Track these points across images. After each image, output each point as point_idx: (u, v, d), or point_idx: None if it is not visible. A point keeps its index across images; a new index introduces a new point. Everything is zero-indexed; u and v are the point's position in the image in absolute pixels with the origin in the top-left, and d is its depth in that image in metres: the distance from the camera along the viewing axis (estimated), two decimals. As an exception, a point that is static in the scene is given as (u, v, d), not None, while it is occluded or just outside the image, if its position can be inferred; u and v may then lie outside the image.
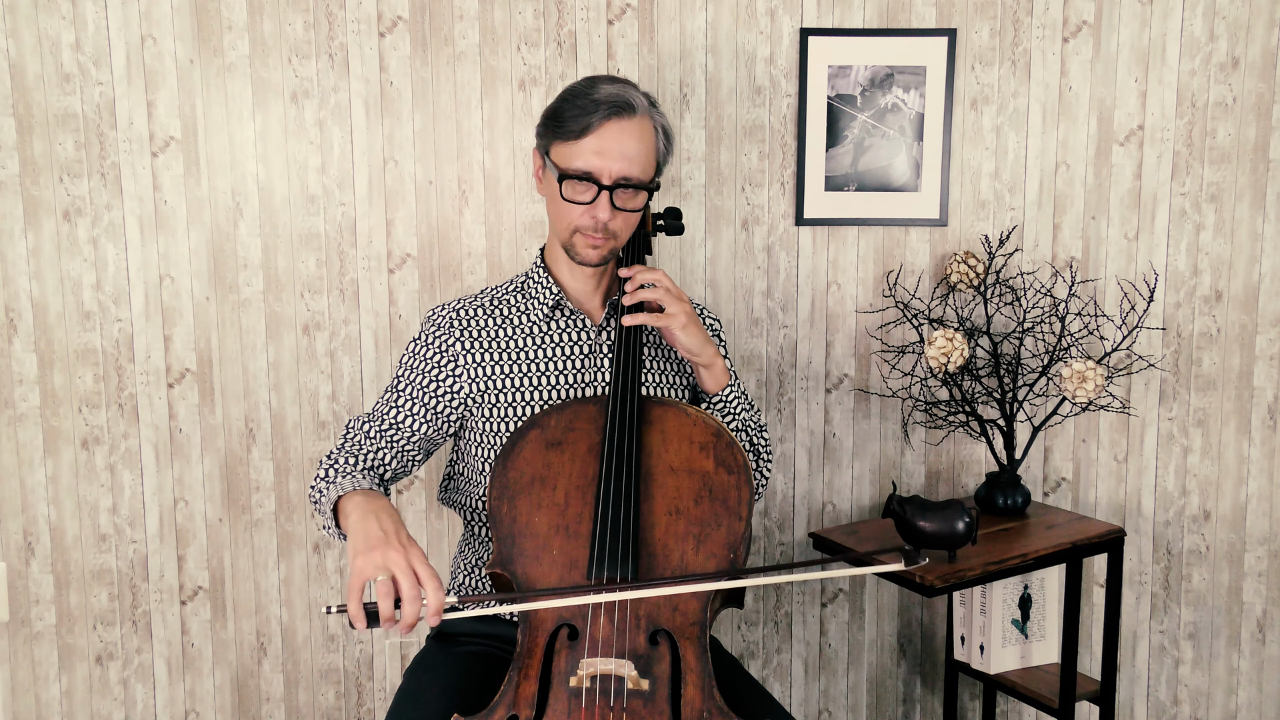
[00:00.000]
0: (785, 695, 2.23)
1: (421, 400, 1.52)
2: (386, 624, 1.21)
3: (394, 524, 1.29)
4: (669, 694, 1.29)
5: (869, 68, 2.04)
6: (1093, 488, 2.20)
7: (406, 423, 1.52)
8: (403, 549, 1.25)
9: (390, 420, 1.53)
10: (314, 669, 2.12)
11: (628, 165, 1.43)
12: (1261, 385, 2.17)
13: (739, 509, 1.39)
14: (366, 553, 1.24)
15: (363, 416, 1.55)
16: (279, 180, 2.00)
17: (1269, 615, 2.23)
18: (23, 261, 1.96)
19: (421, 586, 1.22)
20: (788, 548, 2.19)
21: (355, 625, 1.21)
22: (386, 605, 1.21)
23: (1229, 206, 2.12)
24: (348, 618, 1.22)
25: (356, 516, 1.31)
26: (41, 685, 2.05)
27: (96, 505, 2.03)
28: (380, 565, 1.22)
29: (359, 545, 1.26)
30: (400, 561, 1.23)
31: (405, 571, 1.22)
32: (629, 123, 1.43)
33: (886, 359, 2.14)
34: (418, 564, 1.24)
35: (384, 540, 1.25)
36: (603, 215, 1.44)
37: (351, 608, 1.21)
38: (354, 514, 1.32)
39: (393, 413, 1.53)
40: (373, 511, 1.31)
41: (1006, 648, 2.05)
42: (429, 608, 1.22)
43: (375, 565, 1.22)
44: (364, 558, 1.23)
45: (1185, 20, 2.07)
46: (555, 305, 1.56)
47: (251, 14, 1.96)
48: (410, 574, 1.22)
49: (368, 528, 1.28)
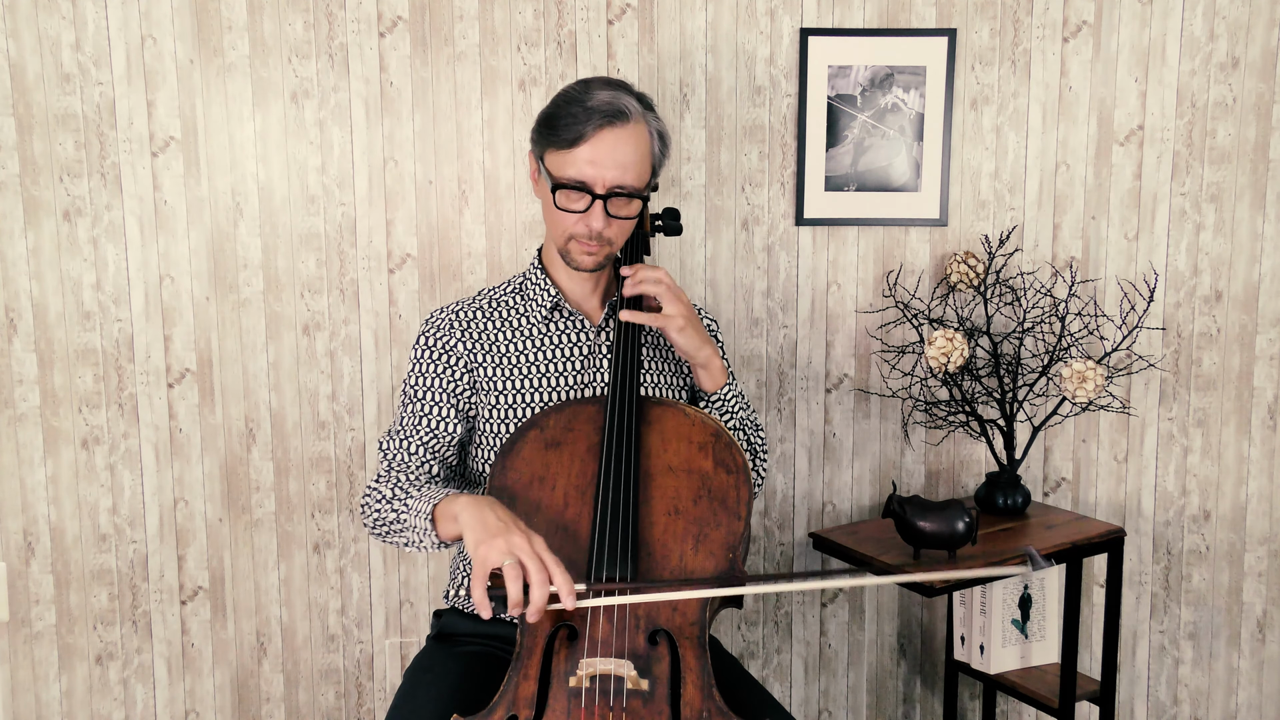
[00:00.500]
0: (785, 695, 2.23)
1: (449, 401, 1.51)
2: (514, 608, 1.20)
3: (510, 514, 1.29)
4: (668, 694, 1.29)
5: (869, 68, 2.04)
6: (1093, 488, 2.20)
7: (443, 427, 1.51)
8: (525, 536, 1.24)
9: (426, 429, 1.50)
10: (314, 669, 2.12)
11: (622, 174, 1.42)
12: (1261, 385, 2.17)
13: (738, 509, 1.39)
14: (489, 540, 1.23)
15: (394, 438, 1.51)
16: (279, 180, 2.00)
17: (1269, 615, 2.22)
18: (23, 261, 1.96)
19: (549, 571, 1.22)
20: (787, 548, 2.19)
21: (482, 612, 1.20)
22: (515, 589, 1.20)
23: (1229, 206, 2.12)
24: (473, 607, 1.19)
25: (469, 512, 1.29)
26: (41, 685, 2.05)
27: (96, 505, 2.03)
28: (505, 551, 1.21)
29: (480, 535, 1.24)
30: (525, 546, 1.22)
31: (531, 556, 1.21)
32: (623, 130, 1.42)
33: (886, 359, 2.14)
34: (542, 550, 1.23)
35: (504, 529, 1.24)
36: (596, 224, 1.44)
37: (476, 594, 1.20)
38: (464, 512, 1.29)
39: (426, 422, 1.51)
40: (486, 503, 1.30)
41: (1006, 648, 2.05)
42: (561, 589, 1.21)
43: (500, 551, 1.21)
44: (487, 545, 1.22)
45: (1185, 20, 2.07)
46: (554, 306, 1.56)
47: (251, 14, 1.96)
48: (536, 559, 1.22)
49: (484, 518, 1.26)
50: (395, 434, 1.52)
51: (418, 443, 1.50)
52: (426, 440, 1.50)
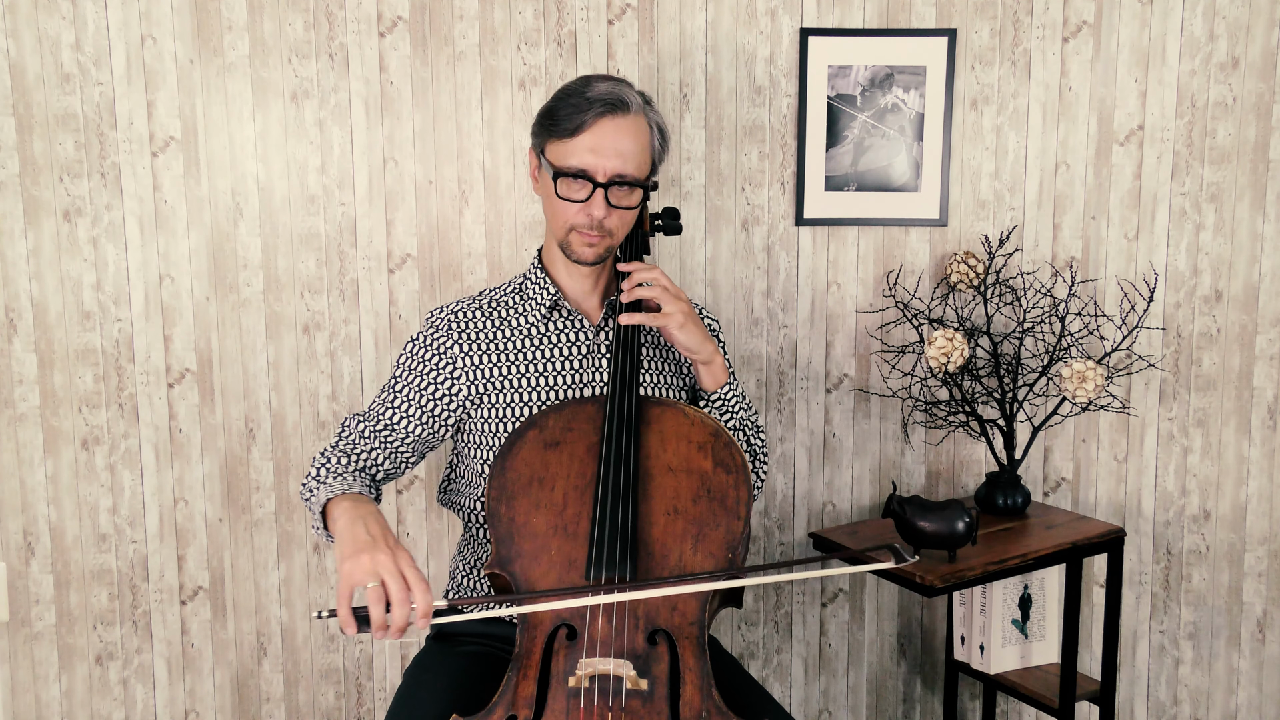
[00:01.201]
0: (785, 695, 2.23)
1: (418, 402, 1.52)
2: (377, 630, 1.21)
3: (381, 528, 1.29)
4: (668, 694, 1.29)
5: (869, 68, 2.04)
6: (1093, 488, 2.19)
7: (401, 424, 1.53)
8: (390, 552, 1.24)
9: (385, 421, 1.53)
10: (314, 669, 2.12)
11: (622, 162, 1.43)
12: (1261, 385, 2.17)
13: (737, 509, 1.39)
14: (354, 557, 1.24)
15: (359, 415, 1.55)
16: (279, 180, 2.00)
17: (1269, 615, 2.22)
18: (23, 261, 1.96)
19: (410, 590, 1.22)
20: (787, 548, 2.19)
21: (345, 630, 1.20)
22: (378, 611, 1.20)
23: (1229, 206, 2.12)
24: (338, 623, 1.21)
25: (345, 521, 1.31)
26: (41, 685, 2.05)
27: (96, 505, 2.03)
28: (369, 570, 1.22)
29: (346, 550, 1.26)
30: (388, 565, 1.22)
31: (394, 575, 1.22)
32: (623, 120, 1.43)
33: (886, 359, 2.14)
34: (406, 567, 1.23)
35: (371, 544, 1.25)
36: (598, 213, 1.44)
37: (341, 613, 1.20)
38: (341, 519, 1.32)
39: (388, 413, 1.53)
40: (360, 516, 1.31)
41: (1006, 648, 2.05)
42: (417, 611, 1.21)
43: (364, 570, 1.22)
44: (352, 562, 1.23)
45: (1185, 20, 2.07)
46: (553, 306, 1.56)
47: (251, 14, 1.96)
48: (399, 577, 1.22)
49: (355, 532, 1.28)
50: (360, 414, 1.56)
51: (372, 429, 1.53)
52: (380, 430, 1.53)
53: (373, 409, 1.55)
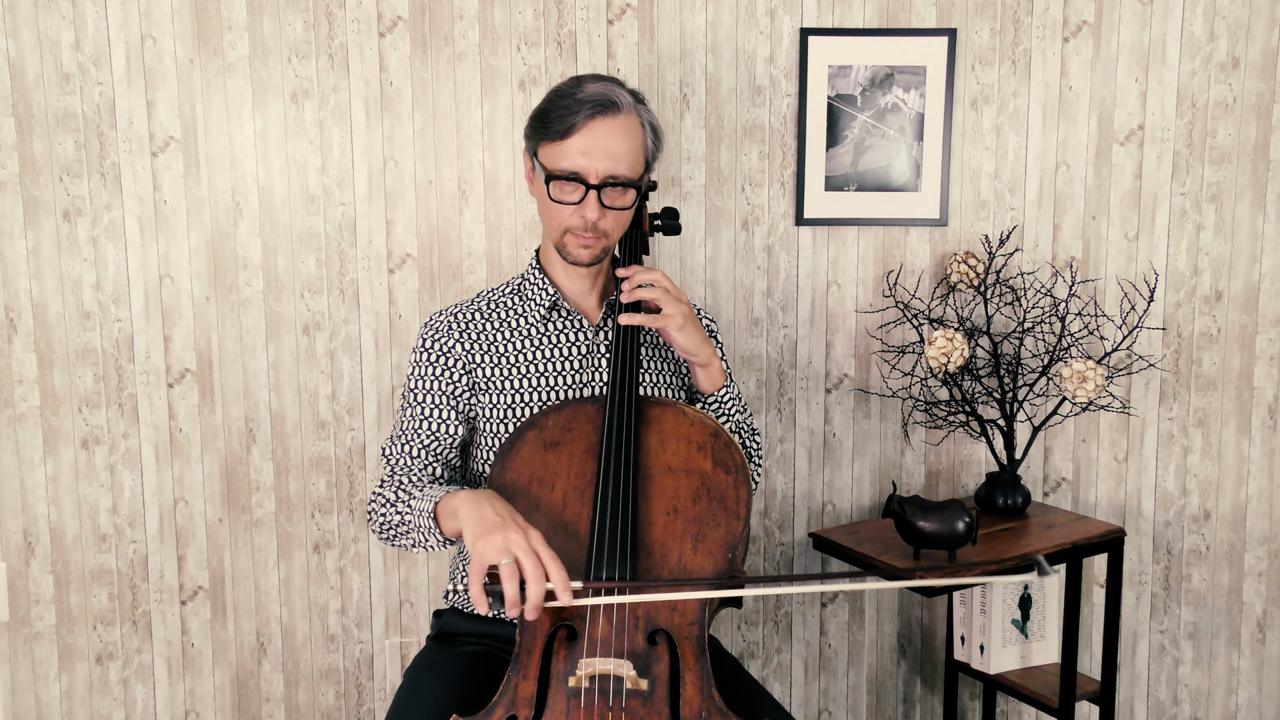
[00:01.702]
0: (785, 695, 2.23)
1: (449, 403, 1.51)
2: (512, 608, 1.20)
3: (508, 509, 1.28)
4: (668, 694, 1.29)
5: (869, 68, 2.04)
6: (1093, 488, 2.19)
7: (444, 430, 1.51)
8: (522, 531, 1.23)
9: (428, 432, 1.50)
10: (314, 669, 2.12)
11: (614, 164, 1.43)
12: (1261, 385, 2.17)
13: (737, 508, 1.39)
14: (486, 536, 1.22)
15: (396, 442, 1.51)
16: (279, 180, 2.00)
17: (1269, 615, 2.22)
18: (23, 261, 1.96)
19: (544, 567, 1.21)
20: (787, 548, 2.19)
21: (478, 608, 1.19)
22: (512, 588, 1.19)
23: (1229, 206, 2.12)
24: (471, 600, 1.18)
25: (468, 506, 1.29)
26: (41, 685, 2.05)
27: (96, 505, 2.03)
28: (502, 548, 1.21)
29: (477, 530, 1.24)
30: (521, 542, 1.22)
31: (527, 552, 1.21)
32: (614, 120, 1.43)
33: (886, 359, 2.14)
34: (539, 545, 1.23)
35: (502, 524, 1.24)
36: (591, 215, 1.44)
37: (473, 590, 1.19)
38: (463, 507, 1.29)
39: (425, 424, 1.50)
40: (485, 498, 1.30)
41: (1006, 648, 2.05)
42: (556, 585, 1.21)
43: (497, 548, 1.21)
44: (484, 541, 1.22)
45: (1185, 20, 2.07)
46: (552, 306, 1.56)
47: (251, 14, 1.96)
48: (532, 555, 1.21)
49: (483, 514, 1.26)
50: (396, 438, 1.52)
51: (419, 445, 1.50)
52: (428, 443, 1.50)
53: (406, 429, 1.51)
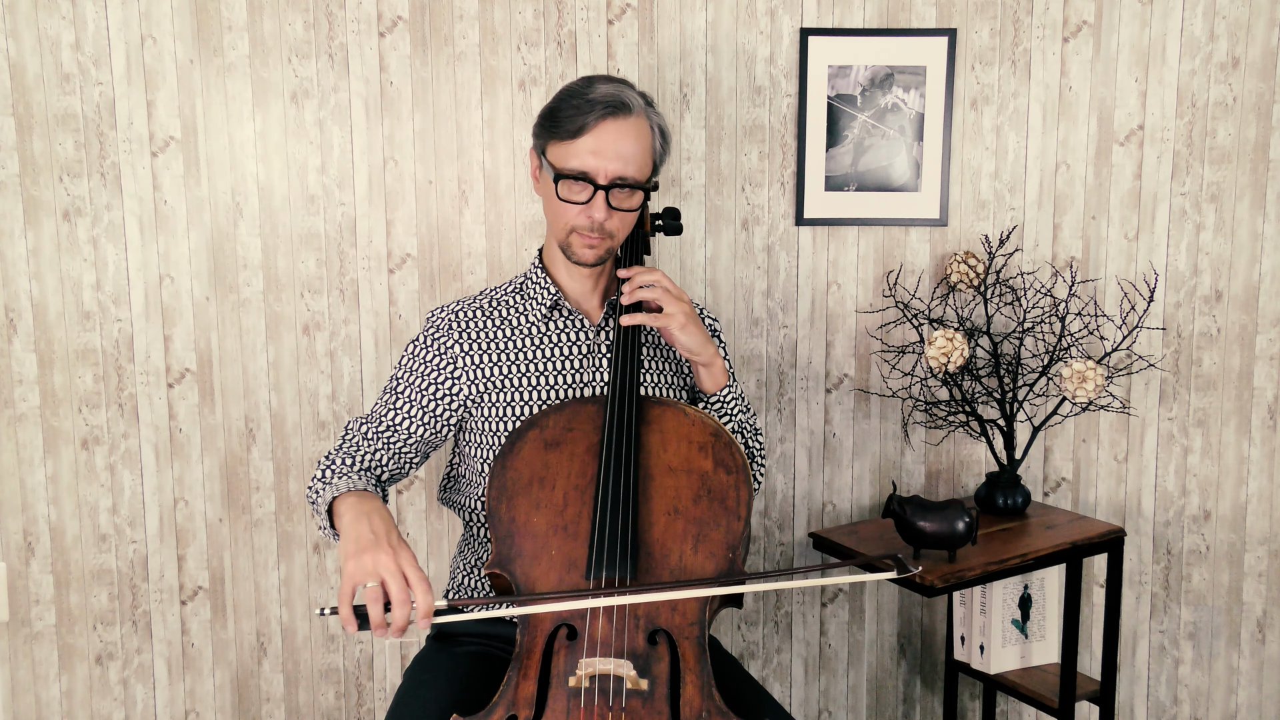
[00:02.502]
0: (785, 695, 2.23)
1: (419, 403, 1.52)
2: (377, 630, 1.21)
3: (385, 526, 1.30)
4: (668, 694, 1.29)
5: (869, 68, 2.04)
6: (1093, 488, 2.19)
7: (404, 425, 1.52)
8: (392, 551, 1.24)
9: (388, 422, 1.53)
10: (314, 669, 2.12)
11: (623, 165, 1.43)
12: (1261, 385, 2.17)
13: (738, 509, 1.39)
14: (357, 556, 1.24)
15: (361, 417, 1.55)
16: (279, 180, 2.00)
17: (1269, 615, 2.22)
18: (23, 261, 1.96)
19: (411, 589, 1.22)
20: (787, 548, 2.19)
21: (346, 629, 1.21)
22: (376, 610, 1.20)
23: (1229, 206, 2.12)
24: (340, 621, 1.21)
25: (349, 518, 1.31)
26: (41, 685, 2.05)
27: (96, 505, 2.03)
28: (370, 570, 1.22)
29: (350, 548, 1.26)
30: (389, 565, 1.23)
31: (394, 575, 1.22)
32: (625, 122, 1.43)
33: (886, 359, 2.14)
34: (407, 567, 1.23)
35: (374, 543, 1.25)
36: (599, 215, 1.44)
37: (342, 611, 1.20)
38: (346, 515, 1.32)
39: (390, 415, 1.53)
40: (365, 513, 1.31)
41: (1006, 648, 2.05)
42: (418, 611, 1.22)
43: (365, 570, 1.23)
44: (354, 561, 1.24)
45: (1185, 20, 2.07)
46: (554, 305, 1.56)
47: (251, 14, 1.96)
48: (399, 577, 1.22)
49: (359, 530, 1.28)
50: (361, 416, 1.56)
51: (375, 431, 1.53)
52: (383, 432, 1.53)
53: (375, 411, 1.55)
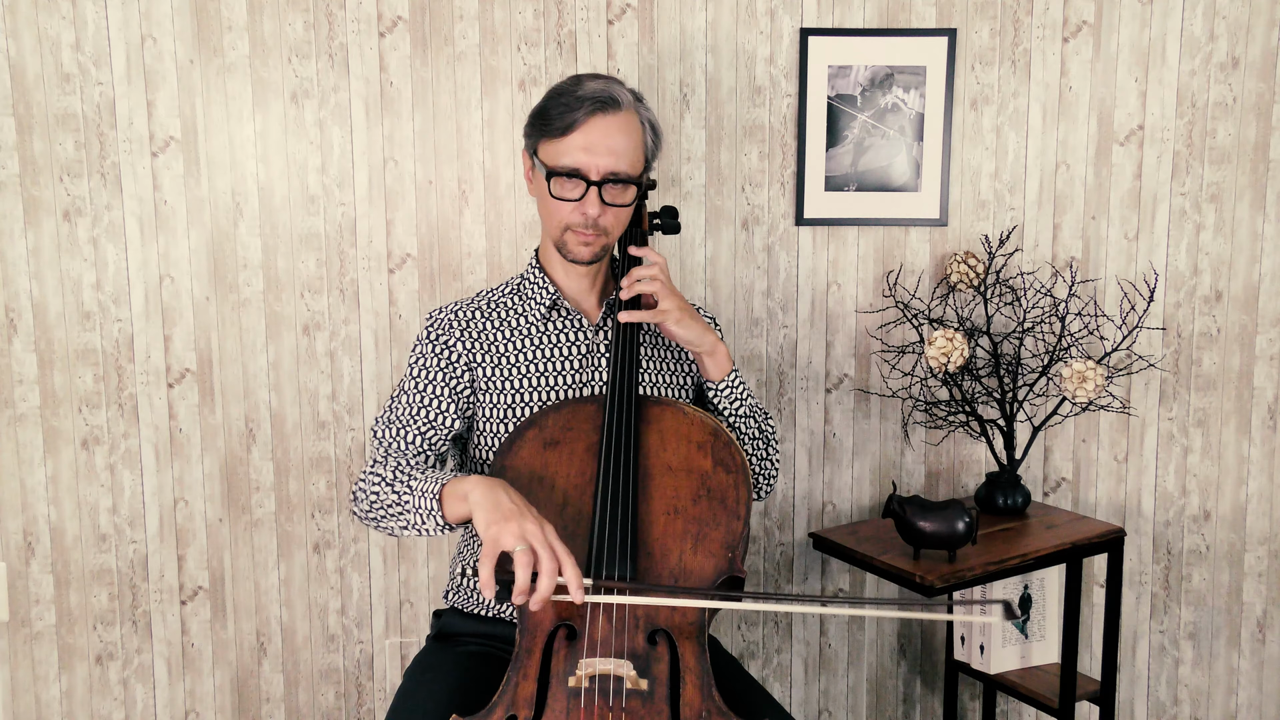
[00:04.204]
0: (785, 695, 2.23)
1: (446, 395, 1.50)
2: (520, 596, 1.19)
3: (523, 499, 1.28)
4: (668, 694, 1.29)
5: (869, 68, 2.04)
6: (1093, 488, 2.19)
7: (439, 420, 1.50)
8: (538, 523, 1.23)
9: (423, 420, 1.49)
10: (314, 669, 2.12)
11: (615, 160, 1.43)
12: (1261, 385, 2.17)
13: (737, 508, 1.39)
14: (502, 522, 1.22)
15: (390, 427, 1.50)
16: (279, 180, 2.00)
17: (1269, 615, 2.22)
18: (23, 261, 1.96)
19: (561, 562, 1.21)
20: (787, 548, 2.19)
21: (486, 593, 1.18)
22: (524, 575, 1.19)
23: (1229, 206, 2.12)
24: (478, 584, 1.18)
25: (481, 490, 1.27)
26: (41, 685, 2.05)
27: (96, 505, 2.03)
28: (518, 535, 1.21)
29: (492, 515, 1.23)
30: (538, 533, 1.21)
31: (544, 544, 1.21)
32: (614, 118, 1.43)
33: (886, 359, 2.14)
34: (554, 539, 1.23)
35: (518, 513, 1.24)
36: (592, 211, 1.44)
37: (484, 572, 1.18)
38: (475, 491, 1.28)
39: (423, 413, 1.49)
40: (499, 485, 1.29)
41: (1006, 648, 2.05)
42: (570, 582, 1.21)
43: (514, 535, 1.21)
44: (499, 527, 1.21)
45: (1185, 20, 2.07)
46: (552, 305, 1.56)
47: (251, 14, 1.96)
48: (549, 548, 1.21)
49: (498, 499, 1.26)
50: (391, 422, 1.50)
51: (415, 431, 1.49)
52: (423, 430, 1.49)
53: (403, 416, 1.50)
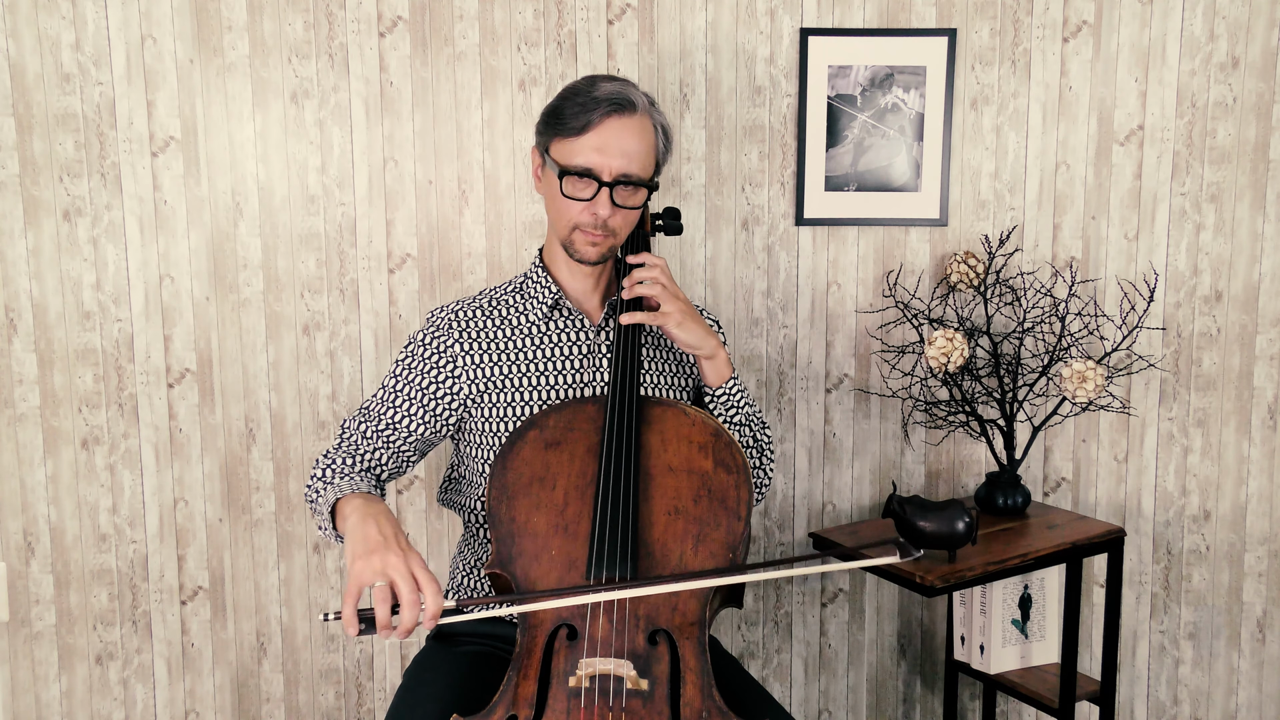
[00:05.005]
0: (785, 695, 2.23)
1: (420, 401, 1.52)
2: (383, 630, 1.20)
3: (393, 528, 1.29)
4: (668, 694, 1.29)
5: (869, 68, 2.04)
6: (1093, 488, 2.19)
7: (404, 423, 1.52)
8: (402, 553, 1.24)
9: (387, 420, 1.52)
10: (314, 669, 2.12)
11: (628, 162, 1.44)
12: (1261, 385, 2.17)
13: (738, 509, 1.39)
14: (365, 557, 1.23)
15: (357, 416, 1.54)
16: (279, 180, 2.00)
17: (1269, 615, 2.22)
18: (23, 261, 1.96)
19: (420, 591, 1.22)
20: (788, 548, 2.19)
21: (348, 631, 1.20)
22: (383, 611, 1.20)
23: (1229, 206, 2.12)
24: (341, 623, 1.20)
25: (355, 520, 1.31)
26: (41, 685, 2.05)
27: (96, 505, 2.03)
28: (379, 570, 1.22)
29: (357, 549, 1.25)
30: (399, 566, 1.22)
31: (404, 576, 1.22)
32: (629, 120, 1.44)
33: (886, 359, 2.14)
34: (417, 569, 1.23)
35: (383, 544, 1.25)
36: (603, 212, 1.44)
37: (346, 612, 1.20)
38: (352, 517, 1.32)
39: (389, 413, 1.52)
40: (371, 515, 1.31)
41: (1006, 648, 2.05)
42: (427, 612, 1.21)
43: (374, 570, 1.22)
44: (362, 562, 1.23)
45: (1185, 20, 2.07)
46: (554, 305, 1.56)
47: (251, 14, 1.96)
48: (409, 579, 1.22)
49: (366, 531, 1.27)
50: (359, 414, 1.54)
51: (374, 429, 1.52)
52: (383, 429, 1.52)
53: (372, 409, 1.54)
